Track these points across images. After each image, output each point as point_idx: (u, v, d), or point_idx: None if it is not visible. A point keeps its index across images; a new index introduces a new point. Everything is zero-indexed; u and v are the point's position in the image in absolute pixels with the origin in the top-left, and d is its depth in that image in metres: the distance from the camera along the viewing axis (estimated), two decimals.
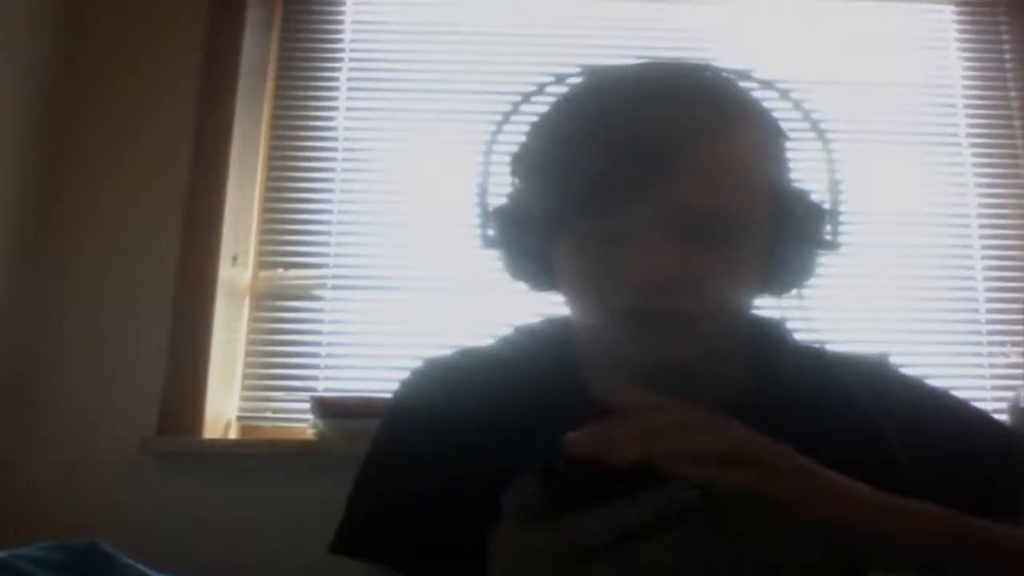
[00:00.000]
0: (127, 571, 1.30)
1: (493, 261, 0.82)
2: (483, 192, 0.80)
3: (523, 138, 0.78)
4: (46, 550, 1.25)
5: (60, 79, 1.98)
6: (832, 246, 0.77)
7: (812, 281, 0.78)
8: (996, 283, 2.07)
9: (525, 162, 0.78)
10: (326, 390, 1.93)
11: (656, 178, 0.68)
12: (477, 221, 0.80)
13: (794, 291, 0.78)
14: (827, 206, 0.77)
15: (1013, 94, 2.17)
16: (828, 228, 0.77)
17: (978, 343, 2.03)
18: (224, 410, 1.93)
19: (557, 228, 0.74)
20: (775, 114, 0.78)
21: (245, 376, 1.97)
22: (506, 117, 0.80)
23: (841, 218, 0.78)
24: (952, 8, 2.25)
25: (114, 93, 2.00)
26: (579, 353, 0.81)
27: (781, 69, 2.02)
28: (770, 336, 0.83)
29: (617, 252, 0.70)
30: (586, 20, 2.18)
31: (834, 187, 0.78)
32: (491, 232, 0.80)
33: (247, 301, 2.01)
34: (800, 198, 0.77)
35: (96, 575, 1.27)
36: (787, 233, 0.74)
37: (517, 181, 0.79)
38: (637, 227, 0.70)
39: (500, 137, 0.80)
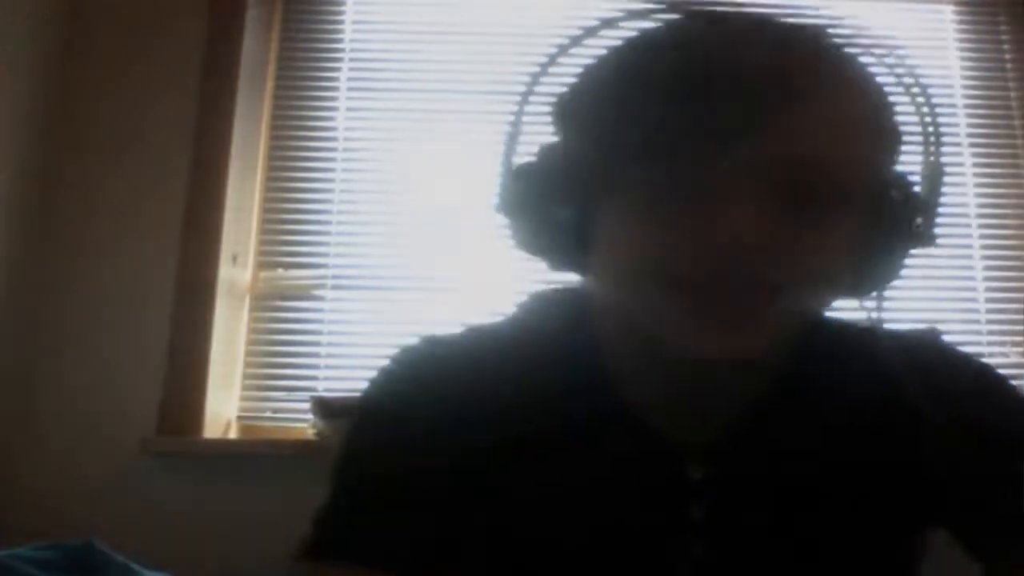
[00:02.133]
0: (123, 571, 1.30)
1: (505, 232, 0.69)
2: (510, 149, 0.68)
3: (575, 81, 0.66)
4: (42, 550, 1.25)
5: (60, 79, 1.98)
6: (926, 242, 0.68)
7: (896, 282, 0.69)
8: (996, 283, 2.07)
9: (578, 105, 0.65)
10: (326, 390, 1.93)
11: (754, 119, 0.56)
12: (499, 182, 0.68)
13: (876, 292, 0.69)
14: (926, 198, 0.68)
15: (1013, 94, 2.17)
16: (924, 222, 0.67)
17: (978, 343, 2.03)
18: (224, 410, 1.93)
19: (615, 180, 0.61)
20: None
21: (245, 376, 1.97)
22: (549, 61, 0.68)
23: (938, 213, 0.69)
24: (952, 8, 2.25)
25: (114, 93, 2.01)
26: (605, 339, 0.70)
27: None
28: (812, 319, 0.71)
29: (690, 209, 0.58)
30: (586, 20, 2.17)
31: (936, 177, 0.70)
32: (513, 194, 0.67)
33: (247, 301, 2.01)
34: (901, 183, 0.67)
35: (92, 575, 1.27)
36: (882, 221, 0.64)
37: (562, 131, 0.67)
38: (722, 177, 0.58)
39: (535, 89, 0.69)
